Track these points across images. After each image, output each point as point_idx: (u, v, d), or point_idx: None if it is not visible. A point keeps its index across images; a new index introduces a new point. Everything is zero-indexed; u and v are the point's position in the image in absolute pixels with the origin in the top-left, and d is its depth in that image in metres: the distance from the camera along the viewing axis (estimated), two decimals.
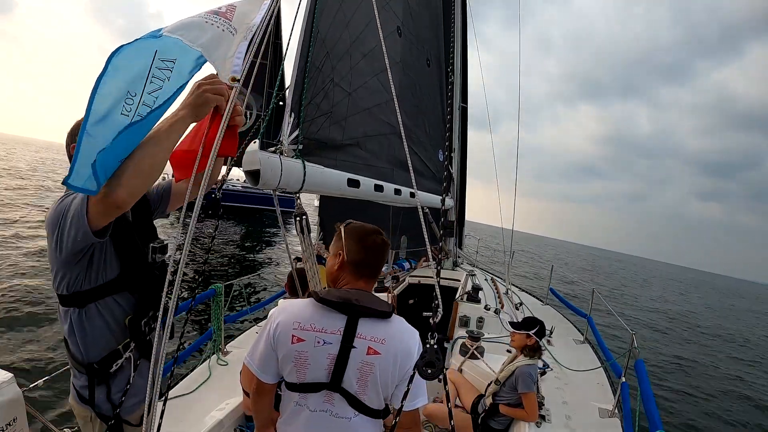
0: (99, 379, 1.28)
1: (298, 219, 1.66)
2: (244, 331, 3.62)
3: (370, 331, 1.12)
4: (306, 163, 1.62)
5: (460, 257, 6.20)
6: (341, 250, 1.24)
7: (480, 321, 3.65)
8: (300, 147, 1.68)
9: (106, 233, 1.12)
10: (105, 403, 1.30)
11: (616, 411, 2.66)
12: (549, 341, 3.82)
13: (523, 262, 29.23)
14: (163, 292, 0.98)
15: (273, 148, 1.57)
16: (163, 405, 1.10)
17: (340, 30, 2.02)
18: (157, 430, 1.03)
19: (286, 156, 1.60)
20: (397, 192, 2.49)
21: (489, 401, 2.58)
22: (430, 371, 0.98)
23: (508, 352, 3.10)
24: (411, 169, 1.39)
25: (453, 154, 5.52)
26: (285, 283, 2.91)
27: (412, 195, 2.65)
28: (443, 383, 1.17)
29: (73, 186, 0.93)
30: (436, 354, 1.00)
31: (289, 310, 1.16)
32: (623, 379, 2.81)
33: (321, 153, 1.88)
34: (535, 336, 2.54)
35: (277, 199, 1.58)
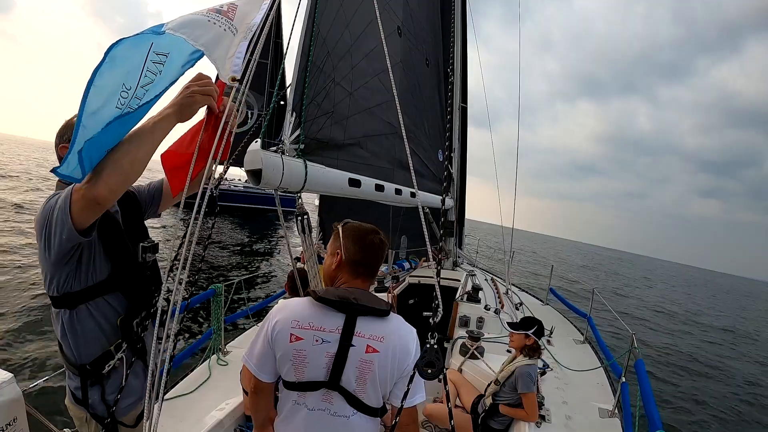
0: (92, 380, 1.27)
1: (300, 218, 1.66)
2: (244, 331, 3.63)
3: (369, 329, 1.13)
4: (307, 162, 1.62)
5: (460, 257, 6.20)
6: (339, 249, 1.24)
7: (480, 321, 3.65)
8: (301, 146, 1.68)
9: (92, 232, 1.11)
10: (99, 404, 1.29)
11: (616, 411, 2.66)
12: (549, 341, 3.82)
13: (524, 260, 29.20)
14: (161, 292, 0.97)
15: (275, 148, 1.57)
16: (160, 405, 1.10)
17: (341, 30, 2.02)
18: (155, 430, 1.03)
19: (288, 155, 1.60)
20: (398, 192, 2.49)
21: (489, 401, 2.58)
22: (430, 371, 0.99)
23: (508, 352, 3.10)
24: (411, 169, 1.39)
25: (453, 154, 5.52)
26: (285, 283, 2.91)
27: (413, 195, 2.65)
28: (443, 383, 1.17)
29: (60, 174, 0.94)
30: (436, 354, 1.00)
31: (287, 309, 1.15)
32: (623, 379, 2.81)
33: (322, 152, 1.88)
34: (534, 336, 2.54)
35: (278, 199, 1.58)
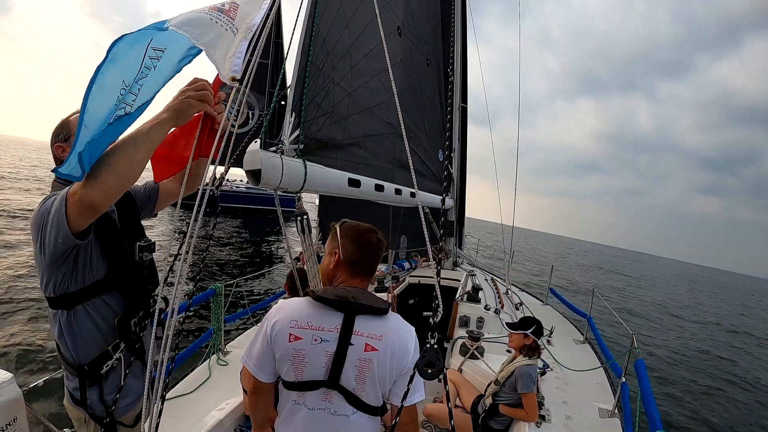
0: (90, 381, 1.27)
1: (299, 219, 1.66)
2: (244, 331, 3.63)
3: (368, 328, 1.13)
4: (307, 162, 1.62)
5: (460, 257, 6.20)
6: (337, 248, 1.24)
7: (480, 321, 3.65)
8: (301, 147, 1.68)
9: (88, 235, 1.11)
10: (98, 405, 1.29)
11: (616, 411, 2.66)
12: (549, 341, 3.82)
13: (524, 258, 29.11)
14: (158, 291, 0.97)
15: (274, 148, 1.57)
16: (161, 405, 1.10)
17: (341, 30, 2.02)
18: (155, 430, 1.03)
19: (287, 156, 1.60)
20: (398, 192, 2.49)
21: (489, 401, 2.58)
22: (430, 371, 0.99)
23: (508, 352, 3.10)
24: (412, 168, 1.39)
25: (453, 154, 5.52)
26: (285, 283, 2.91)
27: (413, 195, 2.65)
28: (443, 383, 1.17)
29: (61, 173, 0.95)
30: (436, 354, 1.00)
31: (285, 309, 1.15)
32: (623, 379, 2.81)
33: (322, 153, 1.88)
34: (533, 335, 2.54)
35: (278, 199, 1.58)
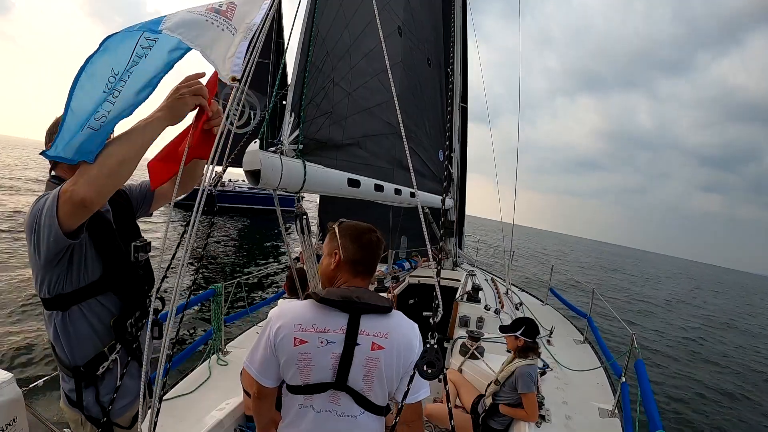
0: (86, 382, 1.26)
1: (299, 219, 1.66)
2: (244, 331, 3.63)
3: (373, 327, 1.13)
4: (306, 162, 1.62)
5: (460, 257, 6.20)
6: (337, 249, 1.23)
7: (480, 321, 3.65)
8: (300, 147, 1.68)
9: (79, 234, 1.10)
10: (94, 406, 1.28)
11: (616, 411, 2.66)
12: (549, 341, 3.82)
13: (525, 257, 29.05)
14: (155, 291, 0.97)
15: (273, 148, 1.57)
16: (159, 405, 1.09)
17: (341, 30, 2.02)
18: (153, 430, 1.02)
19: (287, 156, 1.60)
20: (398, 192, 2.49)
21: (489, 401, 2.58)
22: (430, 371, 0.98)
23: (509, 352, 3.10)
24: (411, 169, 1.39)
25: (453, 154, 5.52)
26: (284, 283, 2.91)
27: (413, 195, 2.65)
28: (443, 383, 1.17)
29: (49, 155, 0.97)
30: (436, 354, 1.00)
31: (289, 313, 1.14)
32: (623, 379, 2.81)
33: (321, 153, 1.88)
34: (524, 336, 2.55)
35: (277, 199, 1.58)
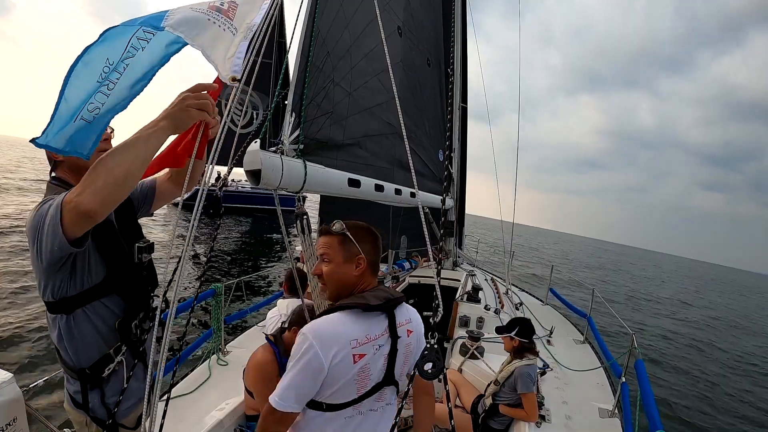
0: (92, 384, 1.26)
1: (299, 219, 1.66)
2: (244, 331, 3.63)
3: (402, 316, 1.23)
4: (307, 162, 1.62)
5: (460, 257, 6.20)
6: (359, 254, 1.20)
7: (480, 321, 3.65)
8: (301, 147, 1.68)
9: (84, 242, 1.09)
10: (100, 408, 1.28)
11: (616, 411, 2.66)
12: (549, 341, 3.82)
13: (525, 257, 29.01)
14: (161, 293, 0.97)
15: (274, 148, 1.57)
16: (165, 405, 1.10)
17: (341, 30, 2.02)
18: (159, 430, 1.03)
19: (287, 156, 1.60)
20: (398, 192, 2.49)
21: (489, 401, 2.58)
22: (430, 371, 0.99)
23: (508, 352, 3.11)
24: (412, 168, 1.39)
25: (453, 154, 5.52)
26: (283, 284, 2.91)
27: (413, 195, 2.65)
28: (443, 383, 1.17)
29: (38, 143, 0.97)
30: (436, 354, 1.00)
31: (337, 334, 1.08)
32: (623, 379, 2.81)
33: (322, 153, 1.88)
34: (518, 337, 2.55)
35: (278, 199, 1.58)
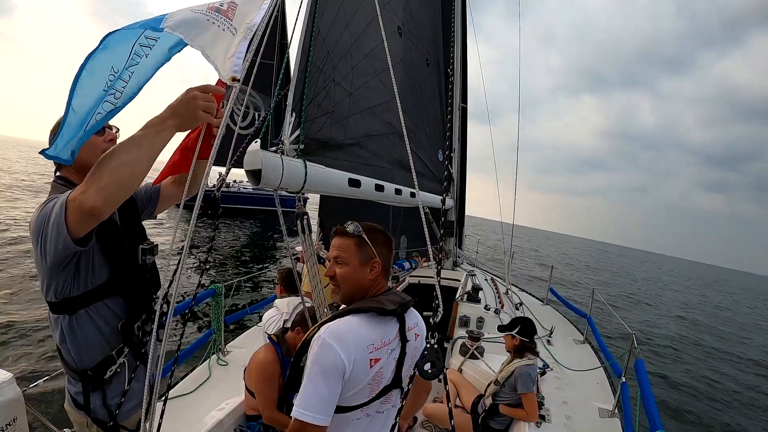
0: (94, 386, 1.25)
1: (299, 219, 1.66)
2: (244, 330, 3.63)
3: (410, 320, 1.23)
4: (307, 162, 1.62)
5: (460, 257, 6.20)
6: (374, 258, 1.20)
7: (480, 321, 3.65)
8: (301, 147, 1.68)
9: (89, 241, 1.09)
10: (101, 409, 1.27)
11: (616, 411, 2.66)
12: (549, 341, 3.82)
13: (525, 258, 28.98)
14: (159, 293, 0.96)
15: (274, 148, 1.57)
16: (164, 405, 1.10)
17: (341, 30, 2.02)
18: (157, 430, 1.03)
19: (288, 156, 1.60)
20: (398, 192, 2.49)
21: (489, 401, 2.58)
22: (430, 371, 0.98)
23: (509, 352, 3.11)
24: (413, 168, 1.38)
25: (453, 154, 5.52)
26: (279, 284, 2.89)
27: (413, 195, 2.65)
28: (443, 383, 1.17)
29: (48, 155, 0.96)
30: (436, 354, 1.00)
31: (357, 338, 1.07)
32: (623, 379, 2.81)
33: (322, 153, 1.88)
34: (520, 335, 2.55)
35: (278, 199, 1.58)
